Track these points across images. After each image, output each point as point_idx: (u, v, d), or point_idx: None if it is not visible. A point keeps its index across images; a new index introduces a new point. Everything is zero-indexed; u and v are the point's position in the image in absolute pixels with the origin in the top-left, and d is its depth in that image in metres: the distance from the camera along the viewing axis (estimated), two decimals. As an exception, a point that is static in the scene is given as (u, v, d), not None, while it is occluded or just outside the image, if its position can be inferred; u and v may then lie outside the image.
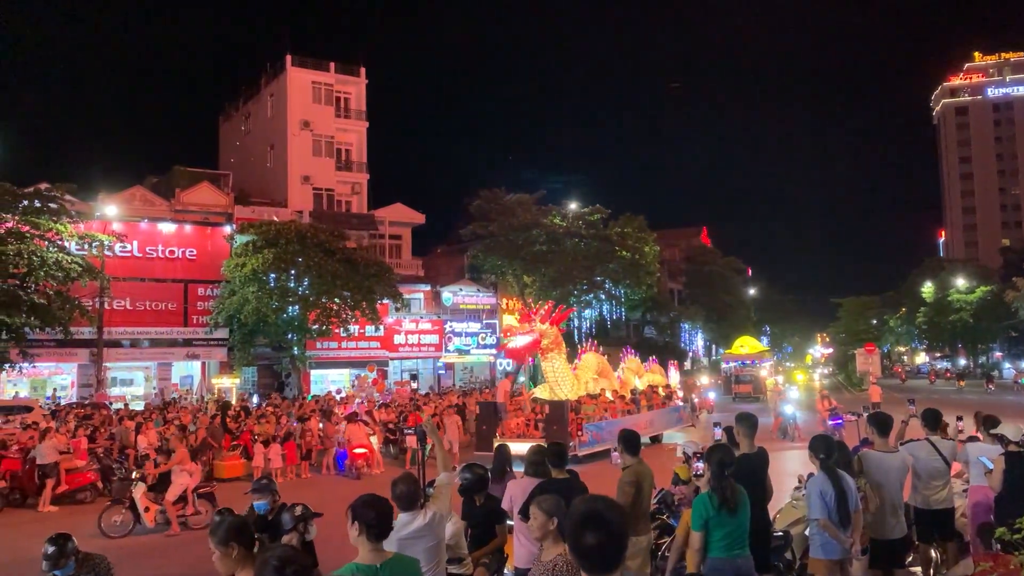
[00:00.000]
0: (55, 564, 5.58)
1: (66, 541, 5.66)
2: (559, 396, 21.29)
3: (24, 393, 32.72)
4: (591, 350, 25.63)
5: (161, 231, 35.77)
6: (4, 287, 28.03)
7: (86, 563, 5.75)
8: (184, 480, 13.73)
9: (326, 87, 46.02)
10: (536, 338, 21.16)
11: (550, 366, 21.75)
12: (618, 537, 2.74)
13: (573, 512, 2.81)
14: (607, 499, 2.89)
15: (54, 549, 5.59)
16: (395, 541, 4.57)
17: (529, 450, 7.11)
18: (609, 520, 2.73)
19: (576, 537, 2.72)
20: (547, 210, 43.69)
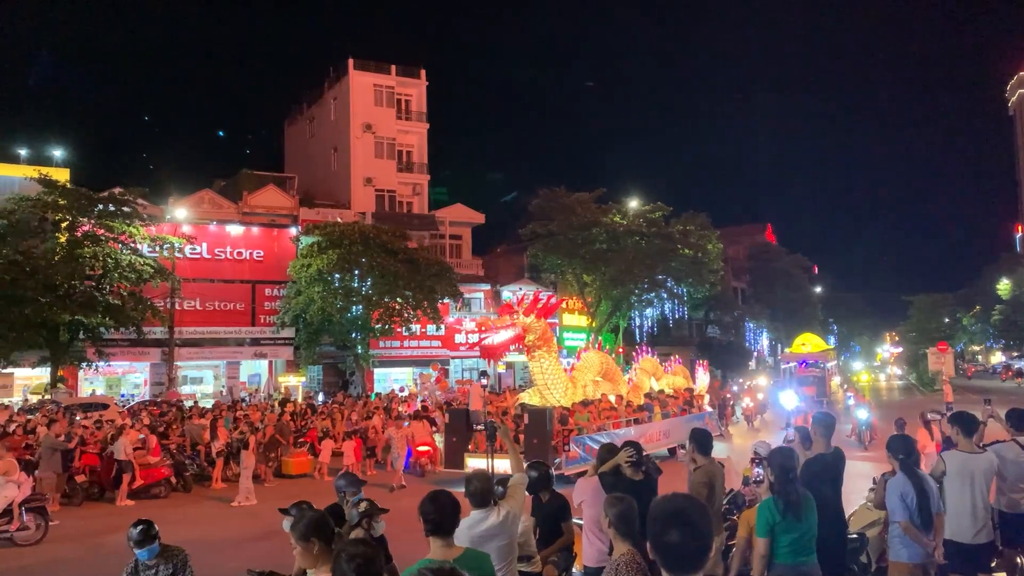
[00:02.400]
0: (140, 545, 5.80)
1: (151, 525, 5.88)
2: (550, 402, 18.59)
3: (100, 391, 33.86)
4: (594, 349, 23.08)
5: (229, 233, 36.66)
6: (81, 288, 29.07)
7: (166, 552, 5.94)
8: (10, 492, 12.43)
9: (387, 89, 46.55)
10: (519, 333, 18.03)
11: (538, 367, 18.71)
12: (703, 536, 2.67)
13: (656, 510, 2.74)
14: (691, 497, 2.82)
15: (140, 530, 5.81)
16: (468, 538, 4.57)
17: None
18: (694, 518, 2.67)
19: (659, 535, 2.66)
20: (607, 208, 43.35)
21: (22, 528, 12.43)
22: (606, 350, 25.11)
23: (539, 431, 16.75)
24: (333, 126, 47.77)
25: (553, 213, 42.08)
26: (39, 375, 31.93)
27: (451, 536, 4.05)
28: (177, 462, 17.98)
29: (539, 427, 16.87)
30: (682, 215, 45.24)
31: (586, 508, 6.70)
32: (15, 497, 12.40)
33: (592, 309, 44.67)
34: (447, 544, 4.00)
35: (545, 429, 16.75)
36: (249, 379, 37.61)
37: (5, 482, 12.37)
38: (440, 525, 4.01)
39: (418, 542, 4.24)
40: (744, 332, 61.04)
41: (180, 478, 17.79)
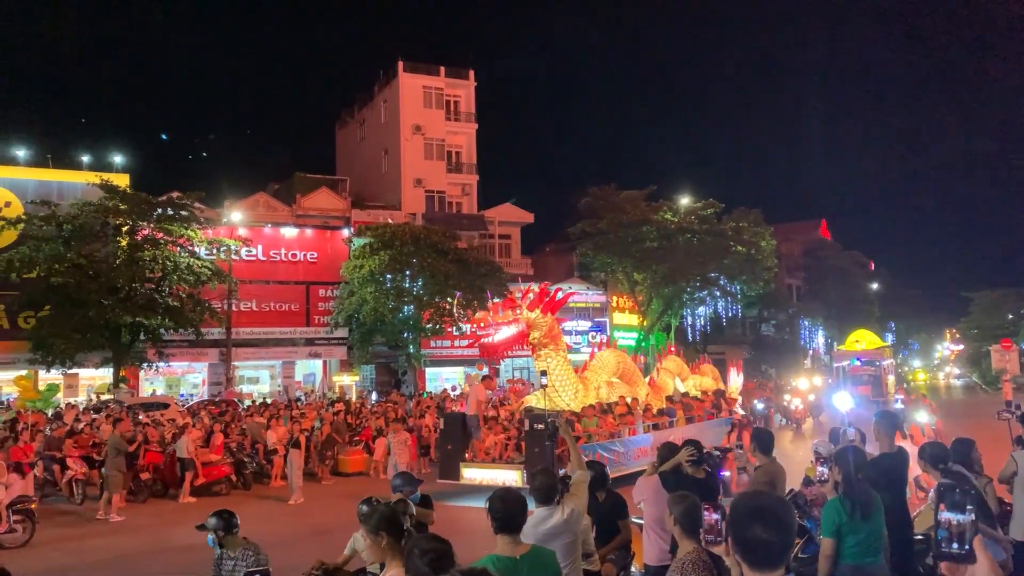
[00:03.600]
0: (219, 530, 5.95)
1: (231, 516, 6.02)
2: (558, 405, 17.04)
3: (160, 391, 34.74)
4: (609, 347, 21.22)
5: (284, 235, 37.31)
6: (142, 291, 29.87)
7: (246, 546, 6.08)
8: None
9: (436, 91, 46.84)
10: (522, 329, 16.20)
11: (544, 366, 16.88)
12: (787, 532, 2.64)
13: (739, 506, 2.72)
14: (774, 494, 2.80)
15: (218, 520, 5.96)
16: (533, 535, 4.59)
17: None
18: (779, 514, 2.64)
19: (742, 530, 2.63)
20: (658, 206, 42.99)
21: (10, 531, 12.35)
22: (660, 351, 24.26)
23: (541, 438, 15.04)
24: (383, 128, 48.24)
25: (603, 211, 41.89)
26: (102, 375, 32.87)
27: (518, 533, 4.06)
28: (237, 460, 18.34)
29: (540, 435, 15.13)
30: (734, 212, 44.67)
31: (647, 506, 6.68)
32: (3, 499, 12.35)
33: (643, 308, 44.36)
34: (514, 541, 4.02)
35: (546, 437, 15.00)
36: (304, 378, 38.23)
37: None
38: (508, 523, 4.03)
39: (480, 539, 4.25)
40: (799, 330, 60.02)
41: (240, 475, 18.15)
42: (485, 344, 16.31)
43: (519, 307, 16.40)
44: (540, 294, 16.69)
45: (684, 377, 23.07)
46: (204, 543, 6.14)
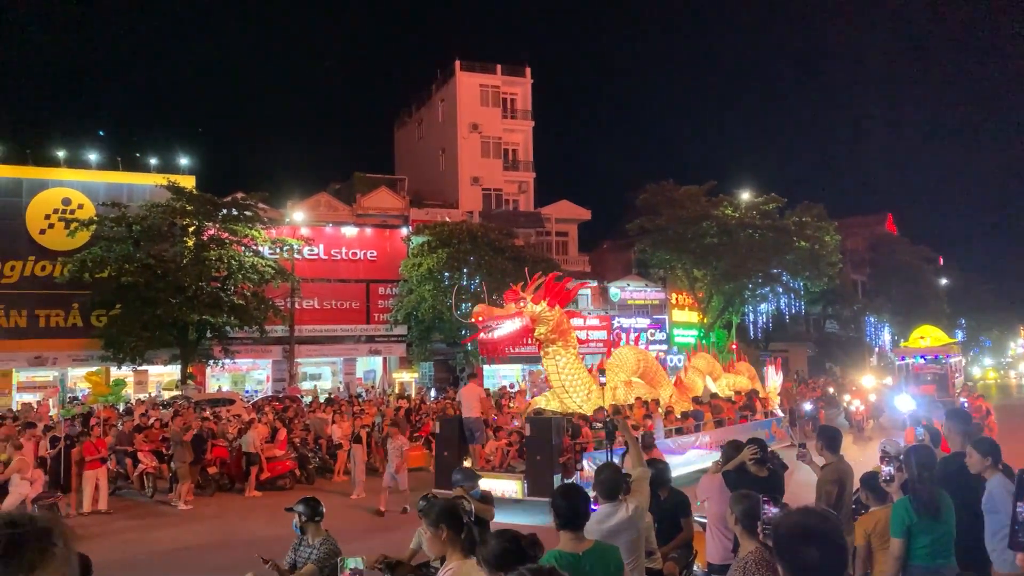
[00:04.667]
0: (307, 516, 6.10)
1: (317, 504, 6.17)
2: (569, 407, 15.58)
3: (226, 387, 35.56)
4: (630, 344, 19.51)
5: (344, 234, 37.88)
6: (208, 290, 30.66)
7: (325, 539, 6.21)
8: (24, 489, 12.77)
9: (493, 89, 46.94)
10: (526, 324, 14.47)
11: (552, 365, 15.37)
12: (840, 552, 2.52)
13: (784, 525, 2.59)
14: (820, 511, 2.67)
15: (305, 507, 6.10)
16: (598, 532, 4.57)
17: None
18: (828, 534, 2.50)
19: (792, 551, 2.49)
20: (718, 201, 42.38)
21: None
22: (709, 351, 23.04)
23: (543, 445, 13.55)
24: (441, 127, 48.56)
25: (661, 207, 41.45)
26: (170, 372, 33.86)
27: (581, 530, 4.06)
28: (300, 455, 18.67)
29: (543, 440, 13.65)
30: (797, 206, 43.78)
31: (710, 505, 6.61)
32: (28, 494, 12.75)
33: (703, 305, 43.80)
34: (577, 537, 4.01)
35: (550, 443, 13.52)
36: (365, 375, 38.76)
37: (19, 479, 12.70)
38: (572, 520, 4.03)
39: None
40: (865, 327, 58.56)
41: (303, 470, 18.46)
42: (484, 340, 14.60)
43: (523, 299, 14.54)
44: (547, 285, 14.93)
45: (716, 376, 21.24)
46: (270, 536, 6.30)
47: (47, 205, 34.58)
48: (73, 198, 34.84)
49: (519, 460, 14.47)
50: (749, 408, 20.08)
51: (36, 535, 1.59)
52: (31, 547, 1.57)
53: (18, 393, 33.89)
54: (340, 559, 5.17)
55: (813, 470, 6.93)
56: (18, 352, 33.53)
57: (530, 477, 13.54)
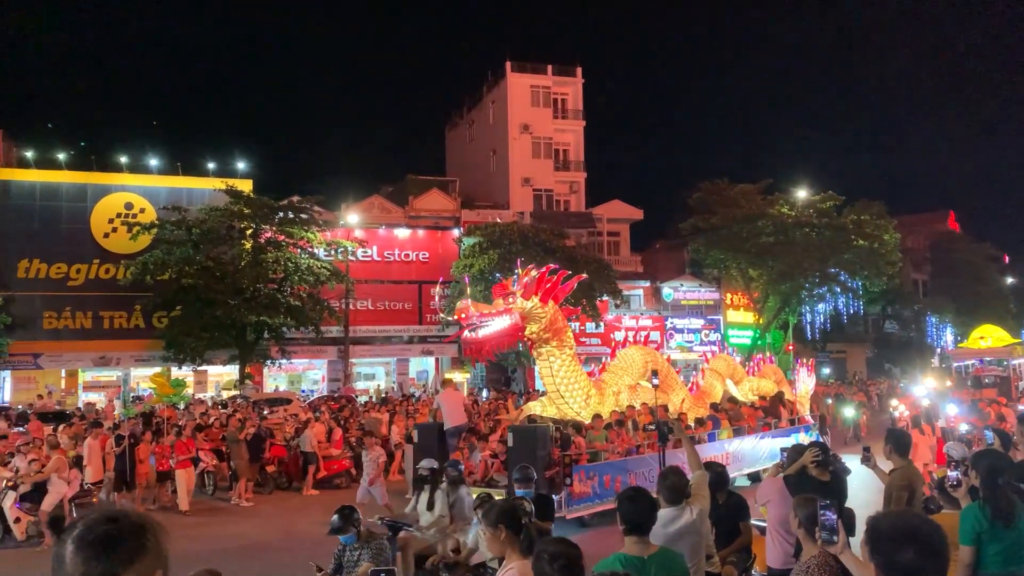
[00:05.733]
0: (340, 531, 6.15)
1: (352, 512, 6.23)
2: (567, 414, 14.31)
3: (283, 387, 36.19)
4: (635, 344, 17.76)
5: (397, 236, 38.31)
6: (265, 291, 31.24)
7: (368, 539, 6.25)
8: (61, 489, 12.82)
9: (544, 90, 46.91)
10: (515, 322, 12.95)
11: (546, 367, 13.97)
12: (941, 558, 2.47)
13: (885, 527, 2.56)
14: (919, 514, 2.63)
15: (338, 518, 6.16)
16: (662, 536, 4.54)
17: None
18: (931, 537, 2.48)
19: (891, 553, 2.46)
20: (773, 200, 41.70)
21: None
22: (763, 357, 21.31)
23: (526, 458, 11.80)
24: (491, 129, 48.70)
25: (715, 206, 40.95)
26: (229, 372, 34.58)
27: (647, 534, 4.04)
28: (356, 454, 18.86)
29: (527, 452, 12.16)
30: (855, 204, 42.84)
31: (771, 508, 6.50)
32: (66, 493, 12.90)
33: (759, 305, 43.15)
34: (642, 542, 3.99)
35: (534, 455, 12.02)
36: (417, 375, 39.09)
37: (57, 479, 12.82)
38: (638, 525, 4.03)
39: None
40: (925, 327, 57.03)
41: (359, 469, 18.64)
42: (468, 340, 13.22)
43: (511, 294, 13.10)
44: (539, 279, 13.40)
45: (738, 379, 19.48)
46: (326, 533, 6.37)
47: (110, 209, 35.64)
48: (135, 202, 35.83)
49: (504, 473, 12.70)
50: (773, 414, 18.10)
51: (132, 531, 1.67)
52: (127, 542, 1.65)
53: (84, 392, 35.01)
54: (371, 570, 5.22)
55: (878, 475, 6.76)
56: (84, 352, 34.63)
57: (512, 493, 12.36)
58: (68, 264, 34.87)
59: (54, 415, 23.19)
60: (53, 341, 34.38)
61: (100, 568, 1.61)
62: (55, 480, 12.71)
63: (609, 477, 12.93)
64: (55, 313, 34.78)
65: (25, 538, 12.57)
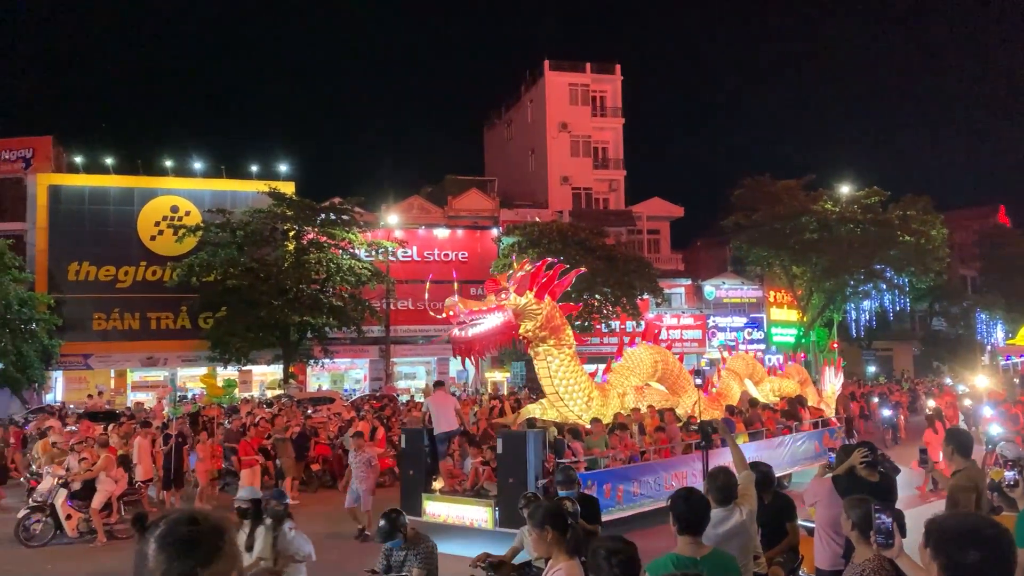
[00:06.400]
0: (387, 536, 6.18)
1: (398, 515, 6.25)
2: (568, 418, 13.43)
3: (326, 386, 36.60)
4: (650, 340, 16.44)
5: (436, 236, 38.53)
6: (308, 292, 31.63)
7: (415, 542, 6.28)
8: (110, 487, 13.01)
9: (582, 87, 46.78)
10: (508, 320, 12.09)
11: (544, 368, 13.13)
12: (1003, 558, 2.42)
13: (950, 527, 2.51)
14: (982, 516, 2.57)
15: (385, 523, 6.19)
16: (713, 537, 4.50)
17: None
18: (998, 539, 2.43)
19: (955, 554, 2.41)
20: (817, 195, 41.06)
21: (121, 521, 12.94)
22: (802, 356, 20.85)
23: (516, 465, 11.17)
24: (530, 128, 48.70)
25: (757, 203, 40.43)
26: (273, 372, 35.06)
27: (700, 535, 4.03)
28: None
29: (516, 459, 11.23)
30: (901, 199, 42.01)
31: (820, 509, 6.41)
32: (114, 491, 13.10)
33: (802, 303, 42.55)
34: (695, 543, 3.98)
35: (523, 461, 11.17)
36: (457, 375, 39.20)
37: (105, 477, 12.99)
38: (692, 525, 4.02)
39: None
40: (975, 324, 55.70)
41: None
42: (457, 338, 12.32)
43: (504, 290, 12.29)
44: (534, 274, 12.64)
45: (758, 380, 18.41)
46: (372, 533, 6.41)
47: (157, 212, 36.38)
48: (181, 205, 36.52)
49: (495, 481, 11.89)
50: (793, 416, 16.89)
51: (211, 533, 1.76)
52: (206, 543, 1.73)
53: (132, 392, 35.79)
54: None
55: (938, 478, 6.62)
56: (132, 353, 35.42)
57: (501, 504, 11.10)
58: (116, 267, 35.68)
59: (104, 414, 23.72)
60: (102, 342, 35.20)
61: (180, 567, 1.69)
62: (103, 478, 12.94)
63: (610, 486, 11.81)
64: (104, 315, 35.60)
65: (77, 535, 12.82)
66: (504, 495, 11.09)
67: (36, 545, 12.57)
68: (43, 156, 36.16)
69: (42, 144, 36.42)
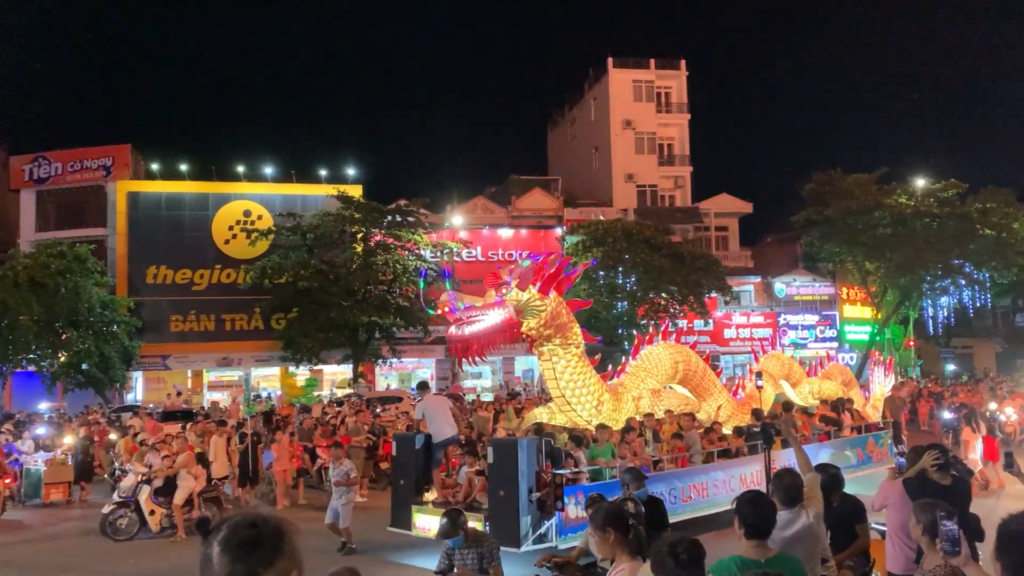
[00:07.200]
0: (447, 534, 6.28)
1: (458, 515, 6.35)
2: (577, 423, 12.49)
3: (394, 385, 37.12)
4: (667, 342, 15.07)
5: (500, 236, 38.73)
6: (376, 293, 32.15)
7: (478, 540, 6.36)
8: (191, 484, 13.43)
9: (647, 84, 46.40)
10: (508, 317, 11.19)
11: (549, 368, 12.27)
12: None
13: (1012, 527, 2.45)
14: None
15: (447, 521, 6.29)
16: (779, 540, 4.46)
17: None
18: None
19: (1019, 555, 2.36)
20: (891, 189, 39.82)
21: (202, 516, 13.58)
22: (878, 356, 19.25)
23: (508, 477, 10.20)
24: (593, 126, 48.52)
25: (828, 198, 39.43)
26: (343, 371, 35.74)
27: (767, 539, 4.02)
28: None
29: (508, 470, 10.26)
30: (980, 192, 40.45)
31: (891, 512, 6.27)
32: (194, 488, 13.49)
33: (877, 300, 41.37)
34: (761, 546, 3.96)
35: (517, 472, 10.17)
36: (523, 374, 39.33)
37: (186, 474, 13.42)
38: (760, 528, 4.00)
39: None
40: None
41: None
42: (453, 337, 11.44)
43: (505, 285, 11.37)
44: (537, 268, 11.74)
45: (795, 381, 16.97)
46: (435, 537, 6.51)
47: (230, 217, 37.45)
48: (253, 210, 37.52)
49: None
50: (832, 422, 15.47)
51: (272, 535, 1.82)
52: (267, 545, 1.80)
53: (208, 391, 36.94)
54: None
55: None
56: (208, 354, 36.55)
57: (492, 518, 10.26)
58: (192, 270, 36.85)
59: (181, 413, 24.54)
60: (179, 343, 36.41)
61: (243, 569, 1.76)
62: (184, 475, 13.37)
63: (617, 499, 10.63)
64: (181, 316, 36.80)
65: (159, 530, 13.27)
66: (495, 509, 10.19)
67: (122, 539, 13.04)
68: (122, 164, 37.54)
69: (121, 152, 37.81)
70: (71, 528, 14.67)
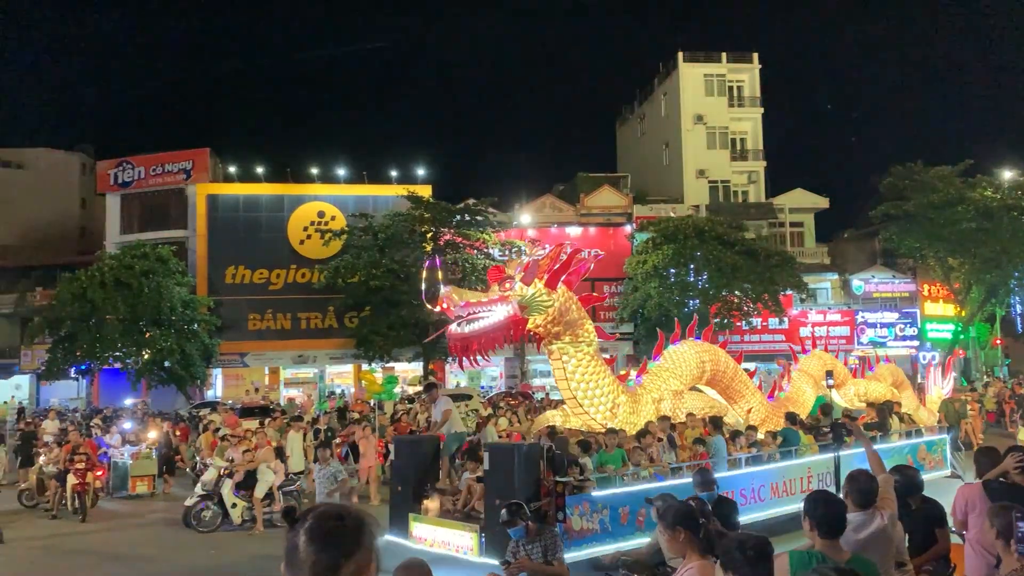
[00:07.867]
0: (509, 524, 6.37)
1: (519, 508, 6.43)
2: (592, 427, 11.74)
3: (463, 383, 37.39)
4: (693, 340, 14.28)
5: (569, 234, 38.59)
6: (446, 291, 32.49)
7: (539, 532, 6.44)
8: (270, 478, 13.72)
9: (718, 78, 45.66)
10: (512, 313, 10.56)
11: (559, 367, 11.62)
12: None
13: None
14: None
15: (507, 512, 6.38)
16: (852, 542, 4.40)
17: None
18: None
19: None
20: (975, 182, 38.34)
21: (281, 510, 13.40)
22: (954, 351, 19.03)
23: (504, 485, 9.43)
24: (663, 121, 48.01)
25: (908, 191, 38.15)
26: (414, 369, 36.23)
27: (838, 539, 3.98)
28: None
29: (504, 477, 9.57)
30: (1073, 182, 38.59)
31: (972, 517, 6.06)
32: (274, 482, 13.81)
33: (960, 297, 39.85)
34: (834, 547, 3.92)
35: (515, 479, 9.41)
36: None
37: (266, 468, 13.72)
38: (830, 528, 3.98)
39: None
40: None
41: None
42: (453, 335, 10.78)
43: (509, 279, 10.72)
44: (551, 259, 11.09)
45: (840, 383, 16.01)
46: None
47: (305, 218, 38.35)
48: (326, 211, 38.35)
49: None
50: (879, 427, 14.21)
51: (354, 528, 1.94)
52: (350, 537, 1.92)
53: (284, 388, 37.92)
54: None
55: None
56: (284, 351, 37.53)
57: (488, 528, 9.44)
58: (269, 270, 37.87)
59: (259, 409, 25.24)
60: (257, 341, 37.47)
61: (327, 558, 1.87)
62: (263, 469, 13.73)
63: (627, 510, 9.71)
64: (258, 315, 37.86)
65: (240, 522, 13.69)
66: (491, 518, 9.17)
67: (204, 531, 13.52)
68: (201, 167, 38.80)
69: (200, 156, 39.07)
70: (156, 519, 15.26)
